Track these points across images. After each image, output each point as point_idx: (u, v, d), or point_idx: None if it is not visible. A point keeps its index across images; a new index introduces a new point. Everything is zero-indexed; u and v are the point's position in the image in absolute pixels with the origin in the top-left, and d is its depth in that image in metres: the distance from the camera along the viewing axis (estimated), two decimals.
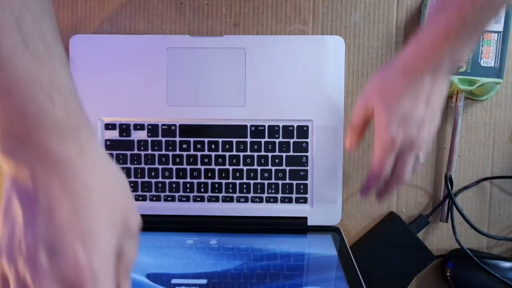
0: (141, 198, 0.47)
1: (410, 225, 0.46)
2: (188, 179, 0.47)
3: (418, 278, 0.48)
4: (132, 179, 0.47)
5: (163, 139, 0.46)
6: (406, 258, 0.46)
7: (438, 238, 0.48)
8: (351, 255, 0.41)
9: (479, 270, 0.44)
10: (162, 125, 0.46)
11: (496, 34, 0.43)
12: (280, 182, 0.47)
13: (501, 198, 0.48)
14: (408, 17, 0.47)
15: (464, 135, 0.47)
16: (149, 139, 0.46)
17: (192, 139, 0.46)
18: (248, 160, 0.46)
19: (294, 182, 0.47)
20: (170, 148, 0.46)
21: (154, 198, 0.47)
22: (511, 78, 0.47)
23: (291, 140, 0.46)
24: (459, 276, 0.45)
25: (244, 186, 0.47)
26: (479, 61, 0.43)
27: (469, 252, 0.44)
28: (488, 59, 0.43)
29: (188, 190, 0.47)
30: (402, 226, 0.46)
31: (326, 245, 0.43)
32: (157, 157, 0.46)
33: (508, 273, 0.44)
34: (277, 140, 0.46)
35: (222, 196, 0.47)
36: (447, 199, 0.46)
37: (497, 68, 0.44)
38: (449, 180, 0.45)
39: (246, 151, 0.46)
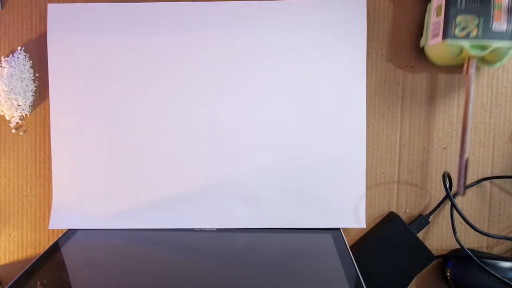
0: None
1: (410, 225, 0.46)
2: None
3: (418, 278, 0.48)
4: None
5: None
6: (406, 258, 0.46)
7: (438, 238, 0.48)
8: (351, 255, 0.41)
9: (479, 270, 0.44)
10: None
11: None
12: None
13: (501, 198, 0.48)
14: (408, 17, 0.47)
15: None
16: None
17: None
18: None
19: None
20: None
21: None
22: (511, 77, 0.47)
23: None
24: (459, 276, 0.45)
25: None
26: (490, 25, 0.41)
27: (469, 252, 0.44)
28: (500, 22, 0.41)
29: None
30: (402, 226, 0.46)
31: (326, 245, 0.43)
32: None
33: (508, 273, 0.44)
34: None
35: None
36: (447, 199, 0.46)
37: (510, 32, 0.41)
38: (447, 178, 0.45)
39: None
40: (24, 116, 0.47)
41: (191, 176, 0.46)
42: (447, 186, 0.44)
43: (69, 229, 0.46)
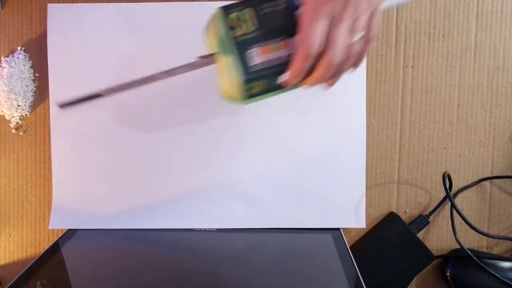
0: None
1: (410, 225, 0.46)
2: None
3: (418, 278, 0.48)
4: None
5: None
6: (406, 258, 0.46)
7: (438, 238, 0.48)
8: (351, 255, 0.41)
9: (479, 270, 0.44)
10: None
11: None
12: None
13: (501, 198, 0.48)
14: (408, 17, 0.47)
15: (464, 135, 0.47)
16: None
17: None
18: None
19: None
20: None
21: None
22: (511, 77, 0.47)
23: None
24: (459, 276, 0.45)
25: None
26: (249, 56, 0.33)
27: (469, 252, 0.44)
28: (261, 56, 0.33)
29: None
30: (402, 226, 0.46)
31: (326, 245, 0.43)
32: None
33: (508, 273, 0.44)
34: None
35: None
36: (447, 199, 0.46)
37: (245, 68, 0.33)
38: (447, 178, 0.45)
39: None
40: (24, 116, 0.47)
41: (191, 176, 0.46)
42: (447, 186, 0.44)
43: (69, 229, 0.46)
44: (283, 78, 0.34)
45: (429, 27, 0.47)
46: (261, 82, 0.34)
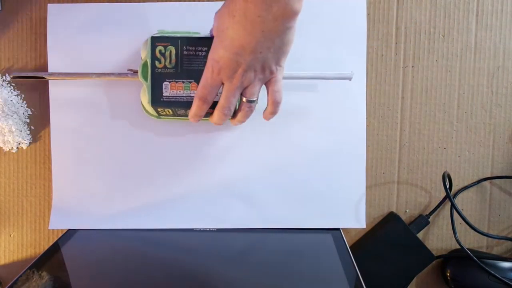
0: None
1: (410, 225, 0.46)
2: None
3: (418, 278, 0.48)
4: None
5: None
6: (406, 258, 0.46)
7: (438, 238, 0.48)
8: (351, 255, 0.41)
9: (479, 270, 0.44)
10: None
11: None
12: None
13: (501, 198, 0.48)
14: (408, 17, 0.47)
15: (464, 135, 0.47)
16: None
17: None
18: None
19: None
20: None
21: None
22: (511, 77, 0.47)
23: None
24: (459, 276, 0.45)
25: None
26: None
27: (469, 252, 0.44)
28: (170, 90, 0.39)
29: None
30: (402, 226, 0.46)
31: (326, 245, 0.43)
32: None
33: (508, 273, 0.44)
34: None
35: None
36: (447, 199, 0.46)
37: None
38: (447, 178, 0.45)
39: None
40: None
41: (191, 177, 0.46)
42: (447, 186, 0.44)
43: (69, 229, 0.46)
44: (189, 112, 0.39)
45: (429, 27, 0.47)
46: (170, 110, 0.41)
